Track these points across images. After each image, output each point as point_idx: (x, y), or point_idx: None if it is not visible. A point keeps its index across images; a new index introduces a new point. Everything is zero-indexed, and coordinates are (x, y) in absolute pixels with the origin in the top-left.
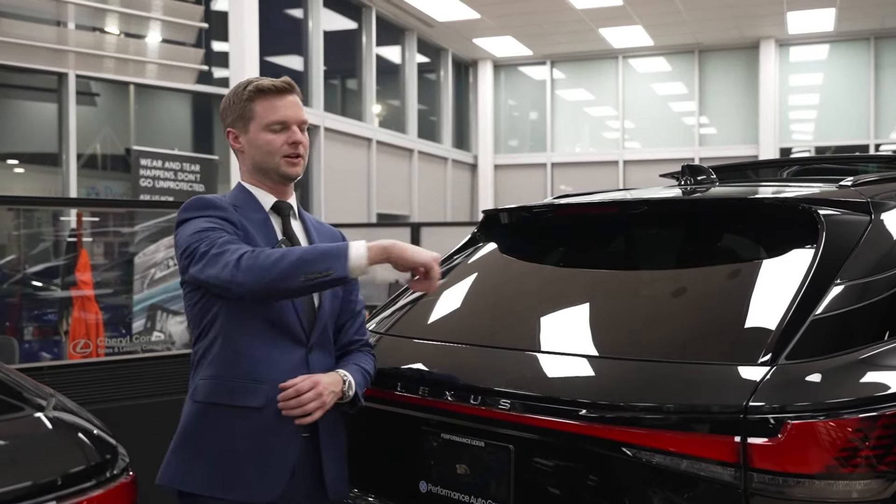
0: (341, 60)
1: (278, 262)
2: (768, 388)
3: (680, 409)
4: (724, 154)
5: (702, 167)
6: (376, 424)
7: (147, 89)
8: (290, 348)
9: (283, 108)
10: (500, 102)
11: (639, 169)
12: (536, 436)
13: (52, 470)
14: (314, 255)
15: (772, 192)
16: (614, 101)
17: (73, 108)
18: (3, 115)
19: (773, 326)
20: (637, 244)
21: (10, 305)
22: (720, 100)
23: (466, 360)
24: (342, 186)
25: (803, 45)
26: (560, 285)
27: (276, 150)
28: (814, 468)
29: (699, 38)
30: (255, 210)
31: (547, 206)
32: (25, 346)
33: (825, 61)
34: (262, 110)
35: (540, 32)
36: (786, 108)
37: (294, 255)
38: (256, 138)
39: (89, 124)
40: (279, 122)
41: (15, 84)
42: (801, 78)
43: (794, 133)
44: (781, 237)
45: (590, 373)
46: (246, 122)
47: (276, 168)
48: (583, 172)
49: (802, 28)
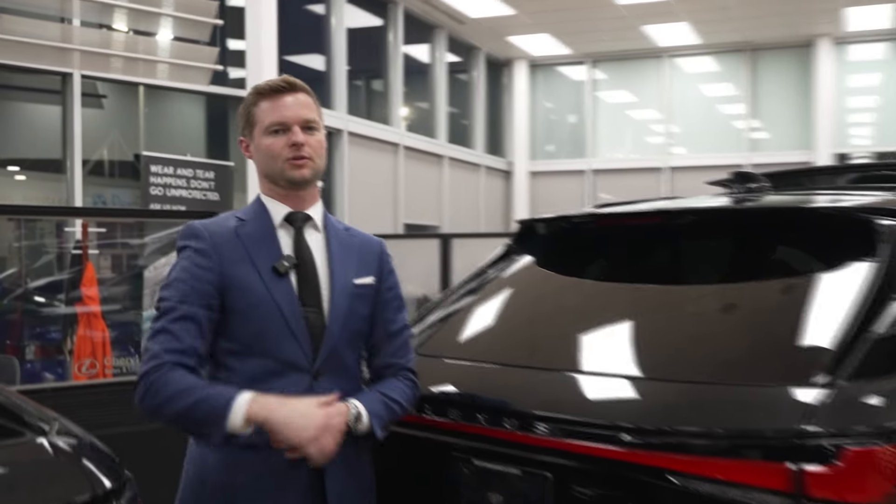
0: (366, 60)
1: (166, 403)
2: (825, 411)
3: (730, 434)
4: (777, 160)
5: (753, 174)
6: (402, 450)
7: (157, 91)
8: (292, 377)
9: (281, 109)
10: (537, 105)
11: (685, 176)
12: (576, 463)
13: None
14: (194, 416)
15: (828, 200)
16: (659, 103)
17: (78, 110)
18: (4, 118)
19: (829, 345)
20: (683, 257)
21: (10, 322)
22: (773, 102)
23: (500, 382)
24: (367, 195)
25: (862, 42)
26: (600, 301)
27: (277, 155)
28: (874, 497)
29: (750, 36)
30: (262, 224)
31: (587, 216)
32: (27, 366)
33: (885, 60)
34: (262, 113)
35: (579, 30)
36: (843, 110)
37: (180, 404)
38: (260, 144)
39: (95, 128)
40: (278, 124)
41: (16, 85)
42: (859, 78)
43: (851, 138)
44: (839, 249)
45: (633, 395)
46: (251, 128)
47: (281, 173)
48: (625, 180)
49: (861, 25)
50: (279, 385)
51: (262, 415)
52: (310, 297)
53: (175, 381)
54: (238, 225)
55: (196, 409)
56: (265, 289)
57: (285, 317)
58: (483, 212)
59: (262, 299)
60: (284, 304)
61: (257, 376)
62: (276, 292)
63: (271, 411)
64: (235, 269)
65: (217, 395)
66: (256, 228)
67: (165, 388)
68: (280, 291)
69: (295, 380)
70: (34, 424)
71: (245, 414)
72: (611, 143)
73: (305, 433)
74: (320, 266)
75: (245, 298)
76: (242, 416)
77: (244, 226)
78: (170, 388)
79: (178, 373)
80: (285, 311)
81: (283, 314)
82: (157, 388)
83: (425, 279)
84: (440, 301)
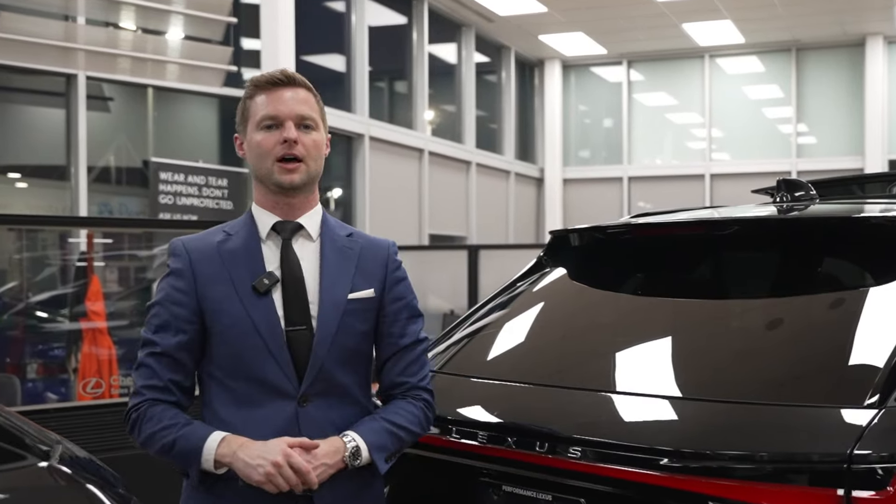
0: (389, 60)
1: (148, 441)
2: (876, 433)
3: (775, 458)
4: (826, 167)
5: (800, 182)
6: (427, 475)
7: (167, 93)
8: (276, 402)
9: (275, 103)
10: (570, 108)
11: (728, 183)
12: (611, 488)
13: None
14: (173, 454)
15: (880, 210)
16: (700, 106)
17: (82, 114)
18: (5, 121)
19: (881, 364)
20: (726, 269)
21: (11, 339)
22: (821, 105)
23: (531, 402)
24: (390, 203)
25: None
26: (638, 316)
27: (267, 153)
28: None
29: (797, 35)
30: (246, 238)
31: (623, 227)
32: (28, 385)
33: None
34: (256, 107)
35: (615, 28)
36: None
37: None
38: (251, 140)
39: (101, 133)
40: (270, 118)
41: (18, 87)
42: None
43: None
44: (890, 262)
45: (672, 416)
46: (245, 123)
47: (270, 175)
48: (664, 187)
49: None
50: (262, 412)
51: (228, 458)
52: (297, 316)
53: (155, 418)
54: (222, 240)
55: (173, 449)
56: (242, 309)
57: (263, 338)
58: (513, 222)
59: (237, 320)
60: (263, 324)
61: (241, 401)
62: (254, 312)
63: (234, 453)
64: (212, 289)
65: (190, 436)
66: (239, 243)
67: (147, 426)
68: (259, 311)
69: (279, 406)
70: (36, 448)
71: (215, 456)
72: (649, 149)
73: (259, 472)
74: (310, 280)
75: (221, 320)
76: (212, 458)
77: (228, 241)
78: (149, 425)
79: (158, 409)
80: (263, 331)
81: (260, 335)
82: (140, 424)
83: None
84: (467, 316)
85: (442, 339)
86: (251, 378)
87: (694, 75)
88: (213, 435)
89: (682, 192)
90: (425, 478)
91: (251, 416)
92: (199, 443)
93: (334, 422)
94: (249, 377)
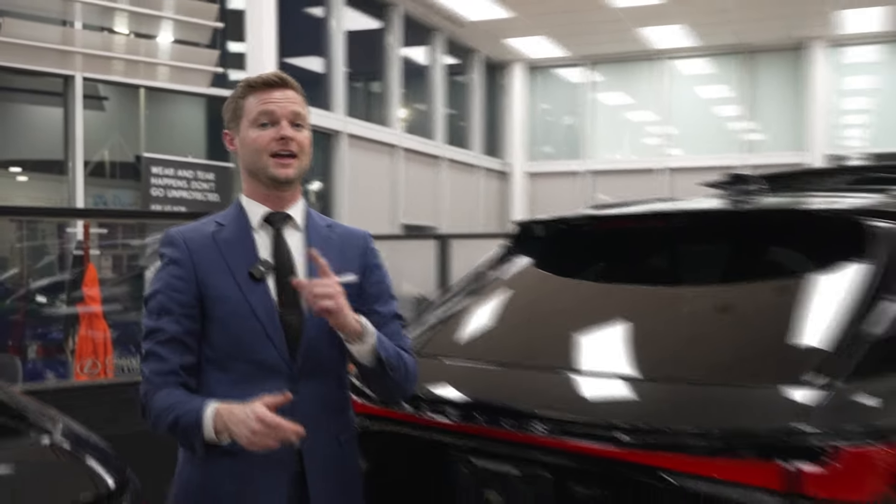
0: (365, 62)
1: (157, 423)
2: (820, 411)
3: (726, 435)
4: (773, 161)
5: (749, 175)
6: (400, 450)
7: (158, 93)
8: (272, 381)
9: (270, 102)
10: (534, 107)
11: (682, 177)
12: (574, 463)
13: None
14: (177, 432)
15: (824, 202)
16: (656, 105)
17: (79, 112)
18: (6, 119)
19: (824, 346)
20: (680, 258)
21: (13, 323)
22: (768, 104)
23: (498, 382)
24: (365, 196)
25: (855, 45)
26: (598, 302)
27: (262, 148)
28: (868, 497)
29: (746, 39)
30: (238, 228)
31: (584, 218)
32: (29, 365)
33: (879, 63)
34: (250, 105)
35: (577, 32)
36: (836, 112)
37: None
38: (245, 136)
39: (97, 130)
40: (266, 116)
41: (18, 87)
42: (852, 80)
43: (845, 139)
44: (834, 251)
45: (630, 395)
46: (238, 121)
47: (265, 169)
48: (622, 181)
49: (854, 28)
50: (260, 390)
51: (222, 424)
52: (290, 300)
53: (160, 401)
54: (216, 230)
55: (177, 426)
56: (240, 294)
57: (261, 322)
58: (480, 213)
59: (238, 306)
60: (260, 308)
61: (239, 381)
62: (252, 297)
63: (226, 419)
64: (211, 277)
65: (190, 411)
66: (233, 233)
67: (154, 409)
68: (256, 296)
69: (275, 384)
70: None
71: (213, 426)
72: (608, 145)
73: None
74: (300, 267)
75: (222, 307)
76: (212, 428)
77: (222, 231)
78: (156, 408)
79: (164, 392)
80: (261, 315)
81: (258, 319)
82: (150, 409)
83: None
84: (438, 302)
85: (414, 323)
86: (249, 360)
87: (651, 76)
88: (207, 407)
89: (639, 185)
90: (400, 454)
91: (248, 395)
92: (196, 417)
93: (322, 397)
94: (247, 359)
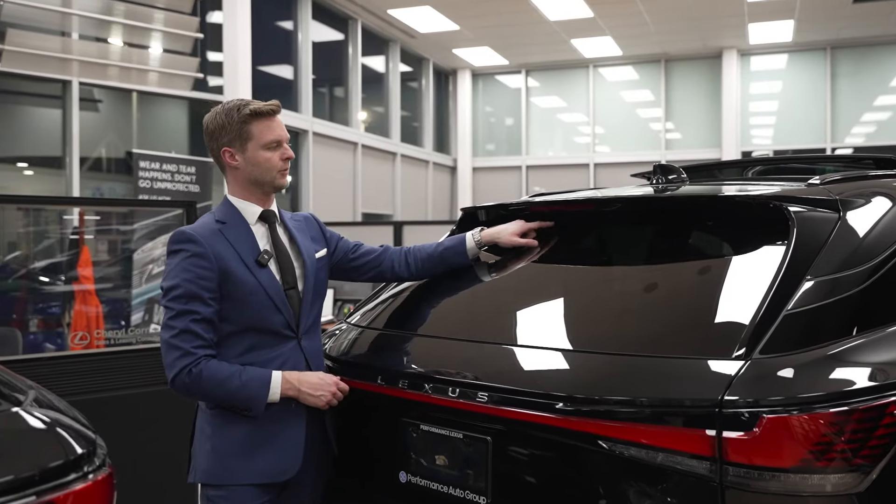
0: (329, 69)
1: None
2: (742, 382)
3: (655, 403)
4: (689, 157)
5: (672, 167)
6: (359, 414)
7: (147, 96)
8: (284, 343)
9: (277, 129)
10: (478, 109)
11: (608, 171)
12: (513, 428)
13: (31, 465)
14: (242, 395)
15: (739, 189)
16: (585, 107)
17: (76, 113)
18: (11, 120)
19: (746, 321)
20: (611, 241)
21: (16, 299)
22: (685, 106)
23: (445, 354)
24: (329, 188)
25: (763, 54)
26: (536, 281)
27: (273, 166)
28: (789, 462)
29: (665, 49)
30: (240, 224)
31: (523, 204)
32: (30, 337)
33: (784, 70)
34: (259, 131)
35: (515, 43)
36: (747, 114)
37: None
38: (255, 156)
39: (92, 129)
40: (275, 141)
41: (22, 91)
42: (761, 86)
43: (754, 137)
44: (753, 234)
45: (566, 366)
46: (244, 142)
47: (272, 181)
48: (556, 175)
49: (763, 39)
50: (274, 351)
51: (293, 391)
52: (290, 278)
53: (214, 371)
54: (221, 227)
55: (239, 393)
56: (254, 278)
57: (272, 298)
58: (431, 202)
59: (254, 288)
60: (270, 288)
61: (254, 348)
62: (262, 279)
63: (298, 387)
64: (229, 265)
65: (255, 380)
66: (236, 228)
67: (210, 379)
68: (265, 278)
69: (286, 346)
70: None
71: (280, 392)
72: (543, 143)
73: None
74: (291, 253)
75: (241, 289)
76: (279, 393)
77: (226, 228)
78: (213, 378)
79: (213, 363)
80: (272, 294)
81: (269, 297)
82: (202, 378)
83: None
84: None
85: (371, 299)
86: (263, 329)
87: (580, 82)
88: (273, 376)
89: (570, 178)
90: (362, 417)
91: (266, 357)
92: (263, 385)
93: (317, 348)
94: (261, 329)
